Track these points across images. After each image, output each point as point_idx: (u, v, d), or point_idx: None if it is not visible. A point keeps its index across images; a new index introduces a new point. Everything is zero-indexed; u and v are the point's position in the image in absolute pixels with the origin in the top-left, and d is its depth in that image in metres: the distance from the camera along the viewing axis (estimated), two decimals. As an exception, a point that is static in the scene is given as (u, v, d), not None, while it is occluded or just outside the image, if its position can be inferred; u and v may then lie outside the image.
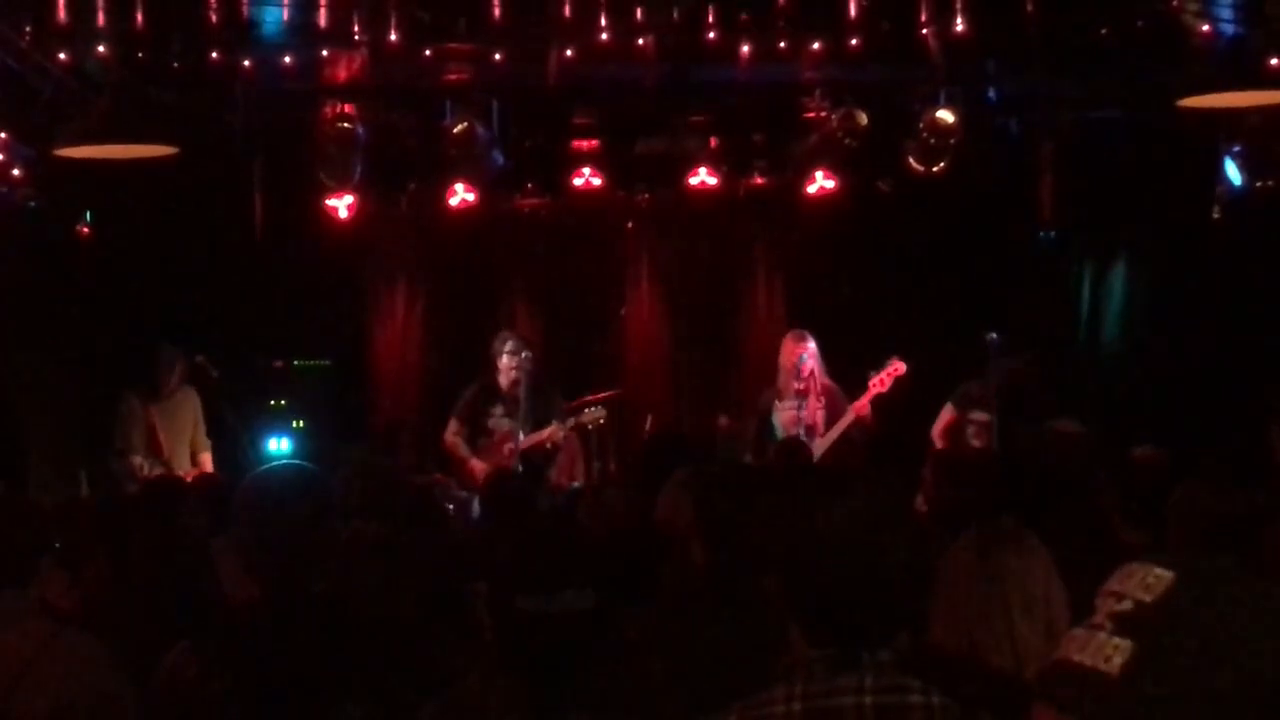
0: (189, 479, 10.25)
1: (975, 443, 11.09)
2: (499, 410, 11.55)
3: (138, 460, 11.14)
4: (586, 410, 11.64)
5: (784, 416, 11.56)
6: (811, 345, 11.53)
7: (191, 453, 11.59)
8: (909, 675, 2.85)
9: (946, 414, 11.38)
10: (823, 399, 11.47)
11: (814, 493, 3.14)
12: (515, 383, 11.44)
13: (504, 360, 11.53)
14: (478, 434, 11.60)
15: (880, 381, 11.34)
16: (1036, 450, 8.56)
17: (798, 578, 2.96)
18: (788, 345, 11.63)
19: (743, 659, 3.96)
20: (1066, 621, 3.86)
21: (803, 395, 11.43)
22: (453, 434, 11.70)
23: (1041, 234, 13.41)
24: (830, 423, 11.39)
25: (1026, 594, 3.88)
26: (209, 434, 11.63)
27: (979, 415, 11.21)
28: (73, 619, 4.80)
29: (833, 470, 9.35)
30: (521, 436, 11.35)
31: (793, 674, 2.90)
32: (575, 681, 3.42)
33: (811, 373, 11.42)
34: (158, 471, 10.90)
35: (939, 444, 11.22)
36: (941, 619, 3.91)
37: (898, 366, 11.34)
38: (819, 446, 11.11)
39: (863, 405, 11.33)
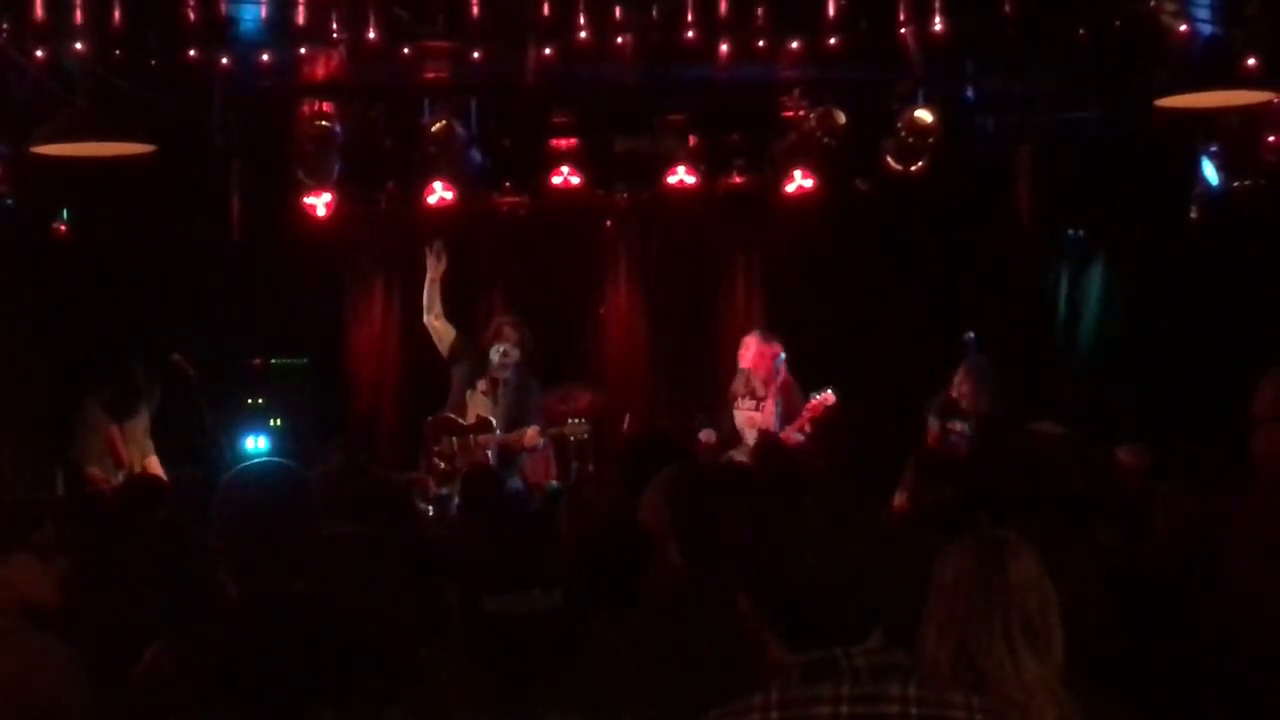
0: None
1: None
2: (482, 386, 11.47)
3: (94, 471, 11.10)
4: (570, 422, 11.57)
5: (741, 417, 11.65)
6: (771, 348, 11.62)
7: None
8: (889, 681, 2.84)
9: (932, 427, 11.45)
10: (779, 397, 11.56)
11: (782, 496, 3.15)
12: (498, 369, 11.38)
13: (493, 348, 11.45)
14: (459, 394, 11.52)
15: (812, 408, 11.43)
16: (1016, 451, 8.58)
17: (766, 582, 2.95)
18: (755, 347, 11.69)
19: (719, 663, 3.95)
20: (1060, 641, 3.85)
21: (761, 398, 11.54)
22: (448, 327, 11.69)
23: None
24: (785, 419, 11.50)
25: (1027, 612, 3.85)
26: (187, 432, 11.59)
27: (956, 425, 11.31)
28: (54, 620, 4.78)
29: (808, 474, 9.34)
30: (498, 431, 11.31)
31: (770, 681, 2.89)
32: (543, 681, 3.42)
33: (774, 375, 11.55)
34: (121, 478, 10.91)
35: None
36: (936, 626, 3.87)
37: (827, 397, 11.41)
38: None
39: (790, 434, 11.42)
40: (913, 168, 12.10)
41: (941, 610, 3.86)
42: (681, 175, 12.65)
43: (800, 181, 12.65)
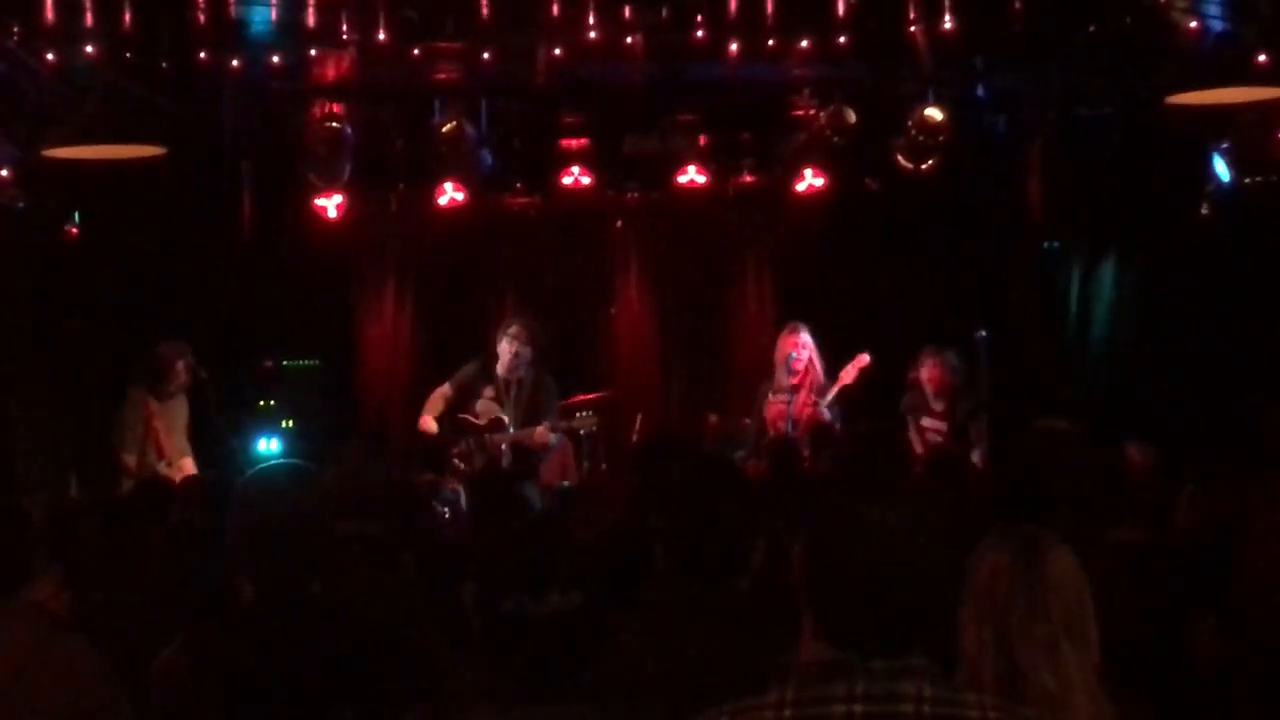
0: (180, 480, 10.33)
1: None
2: (489, 393, 11.50)
3: (130, 459, 11.09)
4: (578, 415, 11.56)
5: (772, 410, 11.60)
6: (806, 338, 11.57)
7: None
8: (905, 681, 2.82)
9: (911, 428, 11.62)
10: (815, 393, 11.52)
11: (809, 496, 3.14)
12: (511, 370, 11.41)
13: (503, 345, 11.48)
14: (464, 410, 11.54)
15: (846, 374, 11.42)
16: (1025, 449, 8.56)
17: (827, 571, 2.93)
18: (781, 338, 11.69)
19: (716, 664, 3.94)
20: (1096, 635, 3.83)
21: (795, 389, 11.49)
22: (440, 396, 11.64)
23: (1046, 244, 13.49)
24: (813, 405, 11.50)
25: (1066, 606, 3.82)
26: (199, 434, 11.59)
27: (926, 422, 11.38)
28: (67, 623, 4.79)
29: (818, 474, 9.31)
30: (511, 428, 11.32)
31: (787, 678, 2.88)
32: (561, 682, 3.41)
33: (806, 367, 11.49)
34: (159, 470, 10.90)
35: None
36: (975, 624, 3.83)
37: (861, 359, 11.42)
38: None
39: (829, 397, 11.42)
40: (923, 166, 12.11)
41: (980, 607, 3.83)
42: (692, 175, 12.66)
43: (811, 180, 12.65)
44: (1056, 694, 3.70)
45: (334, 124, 11.88)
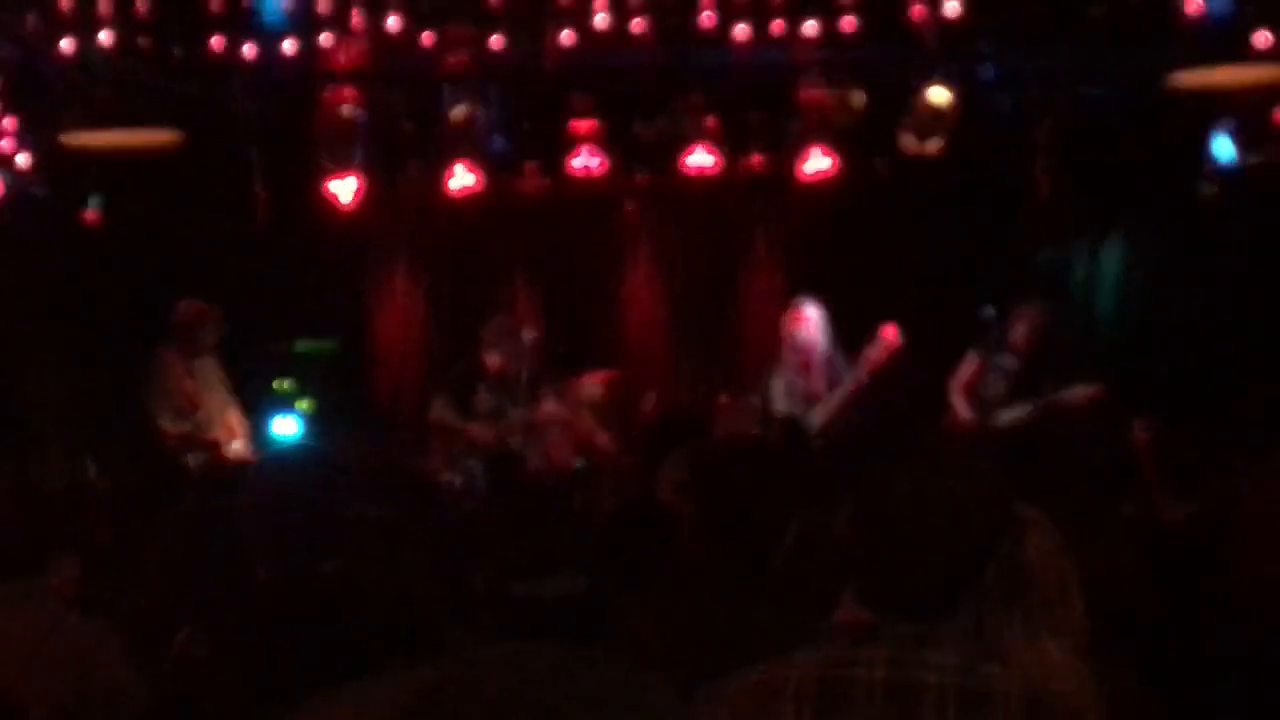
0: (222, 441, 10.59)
1: (994, 390, 11.16)
2: (483, 389, 11.55)
3: (169, 425, 11.11)
4: (584, 388, 11.60)
5: (780, 387, 11.60)
6: (810, 313, 11.53)
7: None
8: (932, 650, 2.89)
9: (970, 364, 11.43)
10: (826, 369, 11.51)
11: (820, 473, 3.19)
12: (518, 364, 11.43)
13: (510, 342, 11.48)
14: (464, 412, 11.59)
15: (871, 356, 11.37)
16: (1033, 426, 8.62)
17: (864, 537, 2.98)
18: (787, 316, 11.68)
19: (738, 642, 3.99)
20: (1079, 615, 3.87)
21: (804, 368, 11.48)
22: (440, 409, 11.68)
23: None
24: (831, 383, 11.44)
25: (1045, 588, 3.84)
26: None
27: (1008, 360, 11.26)
28: (84, 606, 4.87)
29: (831, 454, 9.33)
30: (514, 409, 11.37)
31: (819, 640, 2.96)
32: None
33: (814, 343, 11.47)
34: (199, 432, 10.98)
35: (957, 398, 11.28)
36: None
37: (890, 341, 11.37)
38: (819, 415, 11.17)
39: (860, 379, 11.36)
40: (930, 147, 12.13)
41: None
42: (700, 156, 12.69)
43: (818, 162, 12.67)
44: (1033, 669, 3.74)
45: (346, 108, 11.95)
